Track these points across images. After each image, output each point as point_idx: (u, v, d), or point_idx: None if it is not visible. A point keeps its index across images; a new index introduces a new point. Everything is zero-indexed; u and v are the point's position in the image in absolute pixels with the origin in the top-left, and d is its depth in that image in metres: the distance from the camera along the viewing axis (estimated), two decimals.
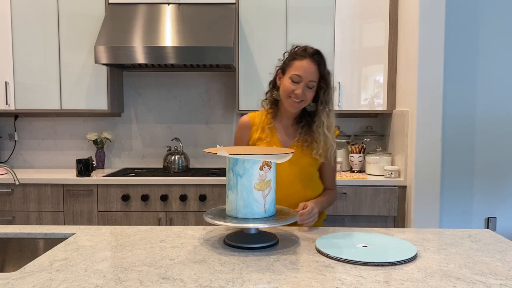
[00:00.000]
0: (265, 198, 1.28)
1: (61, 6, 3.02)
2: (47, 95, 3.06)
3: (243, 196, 1.27)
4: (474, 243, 1.38)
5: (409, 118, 2.76)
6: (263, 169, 1.26)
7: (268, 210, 1.30)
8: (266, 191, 1.28)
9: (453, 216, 3.24)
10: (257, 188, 1.27)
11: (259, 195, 1.27)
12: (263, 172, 1.26)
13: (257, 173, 1.26)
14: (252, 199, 1.26)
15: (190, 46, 2.76)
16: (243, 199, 1.27)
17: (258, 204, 1.27)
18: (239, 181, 1.27)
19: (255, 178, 1.26)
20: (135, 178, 2.82)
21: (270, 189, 1.29)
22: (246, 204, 1.27)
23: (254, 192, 1.26)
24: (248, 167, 1.26)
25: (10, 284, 1.03)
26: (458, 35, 3.16)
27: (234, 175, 1.28)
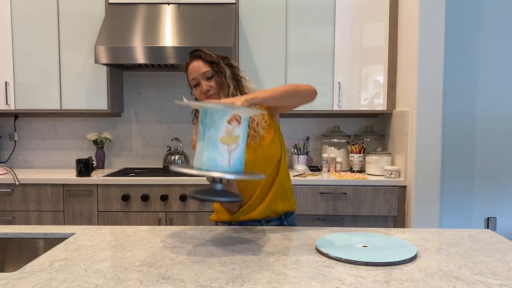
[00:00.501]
0: (230, 153, 1.25)
1: (61, 6, 3.03)
2: (47, 95, 3.06)
3: (208, 147, 1.24)
4: (474, 243, 1.38)
5: (409, 118, 2.76)
6: (231, 123, 1.24)
7: (232, 166, 1.26)
8: (232, 146, 1.25)
9: (453, 216, 3.24)
10: (223, 142, 1.24)
11: (224, 148, 1.24)
12: (231, 126, 1.24)
13: (224, 126, 1.24)
14: (216, 151, 1.24)
15: (190, 46, 2.76)
16: (208, 150, 1.24)
17: (222, 157, 1.24)
18: (206, 133, 1.25)
19: (222, 131, 1.24)
20: (135, 178, 2.82)
21: (237, 146, 1.26)
22: (210, 156, 1.24)
23: (219, 144, 1.24)
24: (216, 119, 1.24)
25: (10, 284, 1.03)
26: (458, 35, 3.16)
27: (203, 126, 1.27)
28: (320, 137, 3.35)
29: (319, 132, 3.37)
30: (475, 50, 3.17)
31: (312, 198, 2.77)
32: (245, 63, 3.03)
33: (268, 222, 1.63)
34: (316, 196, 2.77)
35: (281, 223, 1.66)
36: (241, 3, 3.02)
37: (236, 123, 1.25)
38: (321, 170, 3.17)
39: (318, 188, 2.77)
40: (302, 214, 2.79)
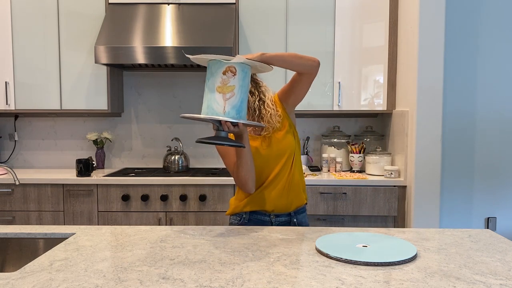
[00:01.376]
0: (225, 101, 1.38)
1: (61, 6, 3.03)
2: (47, 95, 3.06)
3: (207, 96, 1.40)
4: (474, 243, 1.38)
5: (409, 118, 2.76)
6: (226, 74, 1.38)
7: (228, 113, 1.38)
8: (228, 95, 1.38)
9: (453, 216, 3.24)
10: (218, 91, 1.38)
11: (220, 97, 1.38)
12: (226, 76, 1.38)
13: (220, 77, 1.38)
14: (213, 99, 1.38)
15: (190, 46, 2.76)
16: (207, 99, 1.40)
17: (218, 105, 1.38)
18: (207, 83, 1.41)
19: (218, 81, 1.38)
20: (135, 178, 2.82)
21: (233, 95, 1.38)
22: (208, 104, 1.39)
23: (215, 93, 1.38)
24: (213, 71, 1.40)
25: (10, 284, 1.03)
26: (458, 35, 3.16)
27: (206, 79, 1.42)
28: (320, 137, 3.35)
29: (319, 132, 3.37)
30: (475, 50, 3.17)
31: (312, 198, 2.77)
32: None
33: (277, 217, 1.70)
34: (316, 196, 2.77)
35: (290, 219, 1.71)
36: (241, 3, 3.02)
37: (231, 74, 1.38)
38: (321, 170, 3.17)
39: (318, 188, 2.77)
40: None
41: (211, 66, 1.41)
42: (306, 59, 1.60)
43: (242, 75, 1.40)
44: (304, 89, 1.68)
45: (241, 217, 1.71)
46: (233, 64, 1.38)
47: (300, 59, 1.58)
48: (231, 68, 1.38)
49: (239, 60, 1.39)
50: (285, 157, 1.67)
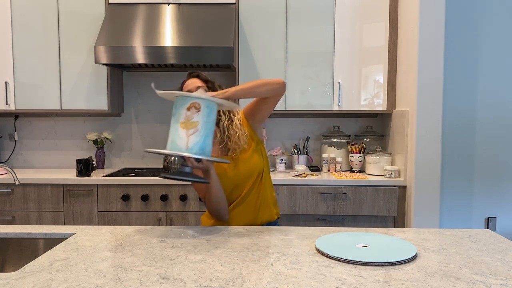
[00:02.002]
0: (188, 137, 1.39)
1: (61, 6, 3.03)
2: (47, 95, 3.06)
3: (172, 132, 1.42)
4: (474, 243, 1.38)
5: (409, 118, 2.76)
6: (190, 110, 1.40)
7: (191, 149, 1.39)
8: (191, 131, 1.39)
9: (453, 216, 3.24)
10: (182, 127, 1.40)
11: (183, 132, 1.39)
12: (190, 112, 1.40)
13: (184, 113, 1.40)
14: (176, 135, 1.40)
15: (190, 46, 2.76)
16: (171, 134, 1.42)
17: (181, 140, 1.39)
18: (172, 120, 1.44)
19: (182, 117, 1.40)
20: (135, 178, 2.82)
21: (196, 131, 1.40)
22: (172, 138, 1.41)
23: (179, 129, 1.40)
24: (178, 106, 1.42)
25: (10, 284, 1.03)
26: (458, 35, 3.16)
27: (172, 114, 1.45)
28: (320, 137, 3.35)
29: (319, 132, 3.37)
30: (475, 50, 3.17)
31: (312, 198, 2.77)
32: (245, 63, 3.03)
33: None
34: (316, 196, 2.77)
35: None
36: (241, 3, 3.02)
37: (195, 110, 1.40)
38: (321, 170, 3.17)
39: (318, 188, 2.77)
40: (302, 214, 2.79)
41: (177, 101, 1.43)
42: (271, 83, 1.58)
43: (206, 111, 1.41)
44: (271, 108, 1.68)
45: None
46: (197, 100, 1.40)
47: (265, 86, 1.57)
48: (195, 104, 1.40)
49: (204, 96, 1.40)
50: (253, 178, 1.66)
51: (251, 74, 3.03)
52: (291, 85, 3.04)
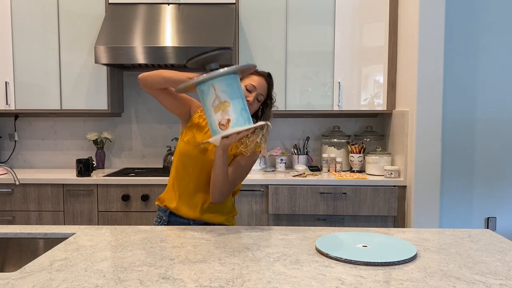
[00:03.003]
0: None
1: (61, 6, 3.03)
2: (47, 95, 3.06)
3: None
4: (474, 243, 1.38)
5: (409, 118, 2.76)
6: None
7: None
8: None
9: (453, 216, 3.24)
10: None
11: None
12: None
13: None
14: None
15: (190, 46, 2.76)
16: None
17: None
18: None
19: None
20: (135, 178, 2.82)
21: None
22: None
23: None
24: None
25: (10, 284, 1.03)
26: (458, 35, 3.16)
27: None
28: (320, 137, 3.35)
29: (319, 132, 3.37)
30: (475, 50, 3.17)
31: (312, 198, 2.77)
32: (245, 63, 3.03)
33: (194, 223, 1.69)
34: (316, 196, 2.77)
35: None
36: (241, 3, 3.02)
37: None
38: (321, 170, 3.17)
39: (318, 188, 2.77)
40: (302, 214, 2.79)
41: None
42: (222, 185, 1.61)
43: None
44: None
45: (164, 212, 1.71)
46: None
47: (219, 182, 1.62)
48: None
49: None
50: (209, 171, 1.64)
51: None
52: (291, 85, 3.04)
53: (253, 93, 1.63)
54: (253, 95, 1.62)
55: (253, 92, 1.63)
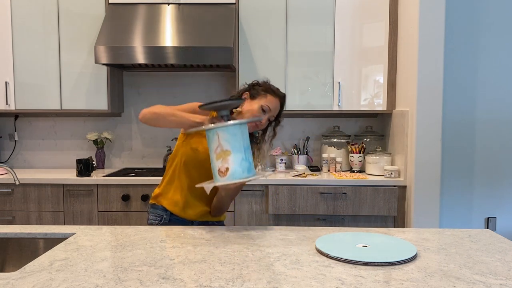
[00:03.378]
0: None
1: (61, 6, 3.03)
2: (47, 95, 3.06)
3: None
4: (474, 243, 1.38)
5: (409, 118, 2.76)
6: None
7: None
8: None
9: (453, 216, 3.24)
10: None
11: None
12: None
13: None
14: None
15: (190, 46, 2.76)
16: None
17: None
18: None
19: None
20: (135, 178, 2.82)
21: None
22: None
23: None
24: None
25: (10, 284, 1.03)
26: (458, 35, 3.16)
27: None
28: (320, 137, 3.35)
29: (319, 132, 3.37)
30: (475, 50, 3.17)
31: (312, 198, 2.77)
32: (245, 63, 3.04)
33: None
34: (316, 196, 2.77)
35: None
36: (241, 3, 3.02)
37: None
38: (321, 170, 3.17)
39: (318, 188, 2.77)
40: (302, 214, 2.79)
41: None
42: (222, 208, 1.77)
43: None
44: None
45: (165, 211, 1.74)
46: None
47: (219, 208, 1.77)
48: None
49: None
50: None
51: (251, 74, 3.03)
52: (291, 85, 3.04)
53: (267, 115, 1.68)
54: (266, 117, 1.68)
55: (267, 113, 1.68)
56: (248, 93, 1.73)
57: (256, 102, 1.69)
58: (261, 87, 1.72)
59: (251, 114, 1.67)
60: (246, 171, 1.46)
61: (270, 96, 1.69)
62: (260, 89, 1.71)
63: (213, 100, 1.56)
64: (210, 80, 3.36)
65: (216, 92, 3.35)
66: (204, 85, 3.36)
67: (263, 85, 1.73)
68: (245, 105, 1.70)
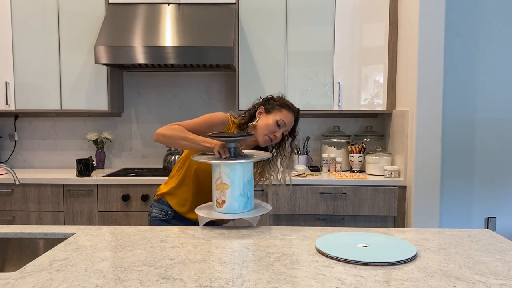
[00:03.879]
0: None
1: (61, 6, 3.03)
2: (47, 95, 3.06)
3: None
4: (474, 243, 1.38)
5: (409, 118, 2.76)
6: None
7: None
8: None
9: (453, 216, 3.24)
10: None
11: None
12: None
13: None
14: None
15: (190, 46, 2.76)
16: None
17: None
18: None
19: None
20: (135, 178, 2.82)
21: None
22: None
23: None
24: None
25: (10, 284, 1.03)
26: (458, 35, 3.16)
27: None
28: (320, 137, 3.35)
29: (319, 132, 3.37)
30: (475, 50, 3.17)
31: (312, 198, 2.77)
32: (245, 63, 3.03)
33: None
34: (316, 196, 2.77)
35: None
36: (241, 3, 3.02)
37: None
38: (321, 170, 3.17)
39: (318, 188, 2.77)
40: (302, 214, 2.79)
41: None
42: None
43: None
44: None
45: (166, 212, 1.79)
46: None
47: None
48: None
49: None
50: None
51: (251, 74, 3.03)
52: (291, 85, 3.04)
53: (281, 129, 1.73)
54: (280, 132, 1.73)
55: (282, 128, 1.73)
56: (263, 107, 1.77)
57: (271, 117, 1.73)
58: (276, 102, 1.76)
59: (267, 128, 1.72)
60: (242, 206, 1.53)
61: (285, 111, 1.73)
62: (276, 104, 1.75)
63: (222, 133, 1.65)
64: (210, 80, 3.36)
65: (217, 92, 3.36)
66: (204, 85, 3.36)
67: (278, 100, 1.77)
68: (260, 119, 1.75)
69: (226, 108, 3.34)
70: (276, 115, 1.72)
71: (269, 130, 1.72)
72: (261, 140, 1.75)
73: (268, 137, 1.73)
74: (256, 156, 1.59)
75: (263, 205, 1.66)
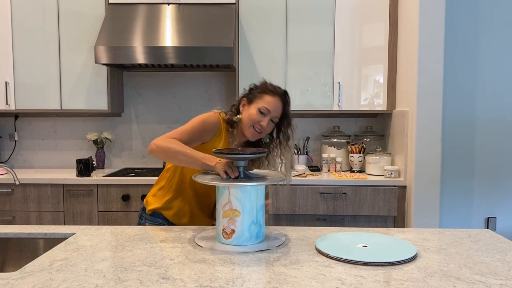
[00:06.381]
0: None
1: (61, 6, 3.03)
2: (47, 95, 3.06)
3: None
4: (474, 243, 1.38)
5: (409, 118, 2.76)
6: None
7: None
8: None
9: (453, 216, 3.24)
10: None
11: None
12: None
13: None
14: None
15: (190, 46, 2.76)
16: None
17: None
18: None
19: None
20: (135, 178, 2.82)
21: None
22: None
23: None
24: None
25: (10, 284, 1.03)
26: (458, 35, 3.16)
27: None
28: (320, 137, 3.35)
29: (319, 132, 3.37)
30: (475, 50, 3.17)
31: (312, 198, 2.77)
32: (245, 63, 3.03)
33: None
34: (316, 196, 2.77)
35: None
36: (241, 3, 3.02)
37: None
38: (321, 170, 3.17)
39: (318, 188, 2.77)
40: (302, 214, 2.79)
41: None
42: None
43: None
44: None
45: (161, 225, 1.68)
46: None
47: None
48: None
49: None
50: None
51: (251, 74, 3.03)
52: (291, 85, 3.04)
53: (266, 117, 1.57)
54: (266, 119, 1.57)
55: (267, 115, 1.57)
56: (245, 98, 1.64)
57: (253, 106, 1.59)
58: (257, 89, 1.62)
59: (250, 119, 1.57)
60: (254, 237, 1.32)
61: (267, 96, 1.58)
62: (256, 91, 1.61)
63: (230, 150, 1.41)
64: (210, 80, 3.36)
65: (217, 92, 3.36)
66: (204, 85, 3.36)
67: (259, 87, 1.62)
68: (244, 112, 1.61)
69: (226, 108, 3.33)
70: (257, 103, 1.57)
71: (253, 120, 1.56)
72: (248, 134, 1.60)
73: (253, 129, 1.57)
74: (270, 178, 1.38)
75: (274, 234, 1.45)
